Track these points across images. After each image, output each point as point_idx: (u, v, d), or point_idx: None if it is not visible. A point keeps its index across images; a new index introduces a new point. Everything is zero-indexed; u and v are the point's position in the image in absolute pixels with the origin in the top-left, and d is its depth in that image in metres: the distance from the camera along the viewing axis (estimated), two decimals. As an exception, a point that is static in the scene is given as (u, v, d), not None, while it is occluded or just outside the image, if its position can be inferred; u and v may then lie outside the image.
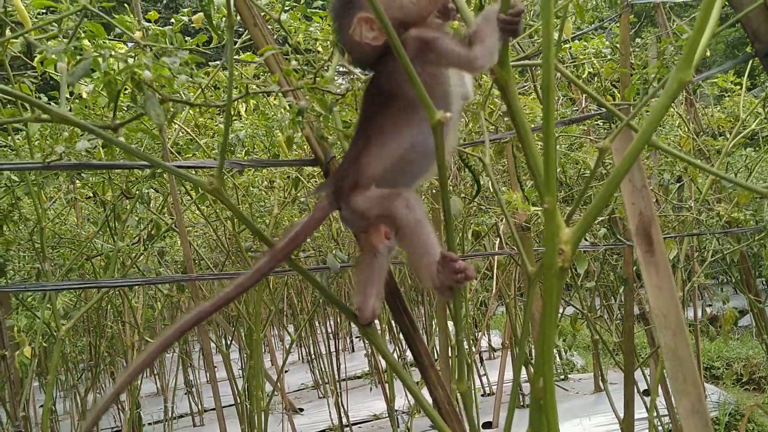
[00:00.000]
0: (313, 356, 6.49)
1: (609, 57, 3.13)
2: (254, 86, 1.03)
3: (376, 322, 1.16)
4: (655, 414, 3.30)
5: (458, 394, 1.04)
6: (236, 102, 2.18)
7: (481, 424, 4.64)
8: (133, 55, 0.88)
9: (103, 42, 0.93)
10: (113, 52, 0.86)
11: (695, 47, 0.85)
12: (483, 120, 1.34)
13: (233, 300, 1.12)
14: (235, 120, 2.40)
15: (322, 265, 2.86)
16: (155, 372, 7.22)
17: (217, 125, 2.53)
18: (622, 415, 3.05)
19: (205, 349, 2.79)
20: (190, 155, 2.37)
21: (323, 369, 6.18)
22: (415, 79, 0.85)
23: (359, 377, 6.50)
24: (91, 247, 2.68)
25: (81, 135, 1.11)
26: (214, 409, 6.42)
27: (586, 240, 2.46)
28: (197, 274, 2.48)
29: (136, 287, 3.55)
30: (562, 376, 5.69)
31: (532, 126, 1.87)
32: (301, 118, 1.05)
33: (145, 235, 2.60)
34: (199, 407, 6.27)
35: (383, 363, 5.85)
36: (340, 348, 6.01)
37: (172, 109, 0.95)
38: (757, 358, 5.68)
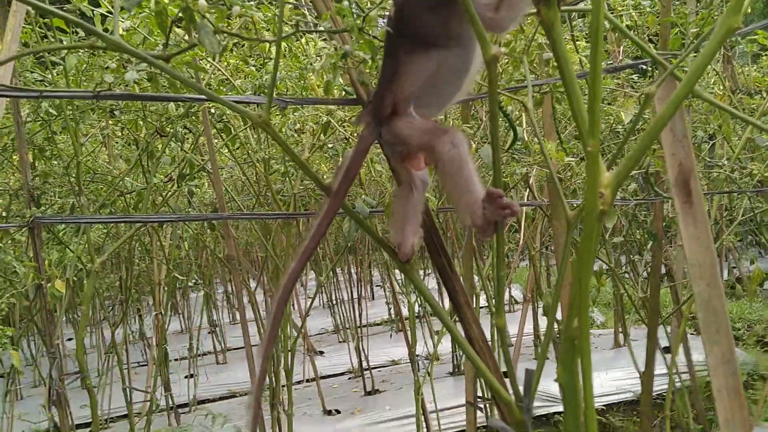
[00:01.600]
0: (334, 302, 6.59)
1: (648, 9, 3.07)
2: (302, 25, 1.04)
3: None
4: (674, 370, 3.34)
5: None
6: (268, 45, 2.17)
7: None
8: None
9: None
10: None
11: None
12: (526, 65, 1.33)
13: (315, 250, 1.14)
14: (267, 62, 2.40)
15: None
16: (179, 312, 7.38)
17: (248, 68, 2.53)
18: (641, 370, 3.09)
19: (237, 288, 2.83)
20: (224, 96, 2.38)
21: (344, 315, 6.27)
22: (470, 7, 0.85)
23: (378, 324, 6.58)
24: (123, 184, 2.72)
25: (128, 64, 1.12)
26: (236, 349, 6.57)
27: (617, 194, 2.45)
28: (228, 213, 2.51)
29: (165, 225, 3.60)
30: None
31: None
32: (344, 61, 1.05)
33: (177, 174, 2.63)
34: (223, 346, 6.40)
35: (405, 311, 5.92)
36: (362, 295, 6.07)
37: (223, 42, 0.95)
38: (775, 318, 5.67)
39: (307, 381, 5.26)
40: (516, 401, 0.95)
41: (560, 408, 4.41)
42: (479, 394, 3.09)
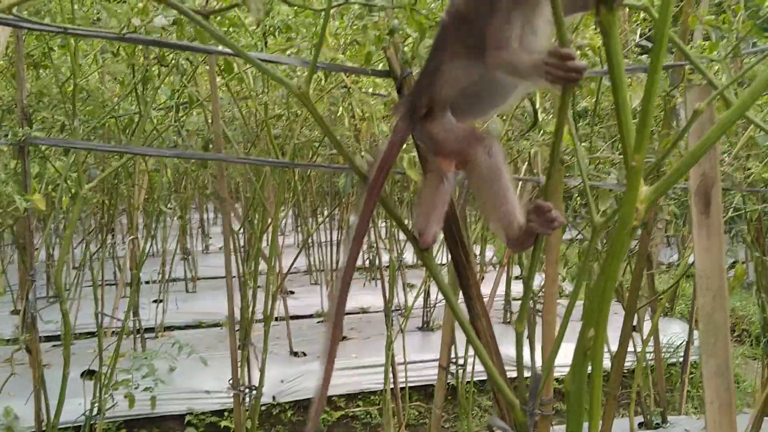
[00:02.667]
0: (310, 243, 6.56)
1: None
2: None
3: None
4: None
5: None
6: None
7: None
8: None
9: None
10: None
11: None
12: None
13: (359, 251, 1.11)
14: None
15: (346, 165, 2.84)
16: (152, 235, 7.32)
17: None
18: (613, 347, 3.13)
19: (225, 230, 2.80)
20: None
21: (319, 257, 6.24)
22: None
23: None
24: (117, 107, 2.65)
25: (157, 9, 1.06)
26: (207, 278, 6.55)
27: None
28: (225, 154, 2.46)
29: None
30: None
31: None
32: (390, 37, 1.00)
33: (174, 106, 2.56)
34: (194, 274, 6.39)
35: (385, 260, 5.94)
36: (340, 239, 6.06)
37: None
38: (744, 310, 5.78)
39: (276, 320, 5.27)
40: (521, 404, 0.95)
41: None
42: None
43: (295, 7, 1.53)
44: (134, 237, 4.27)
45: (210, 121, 2.83)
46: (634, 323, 4.12)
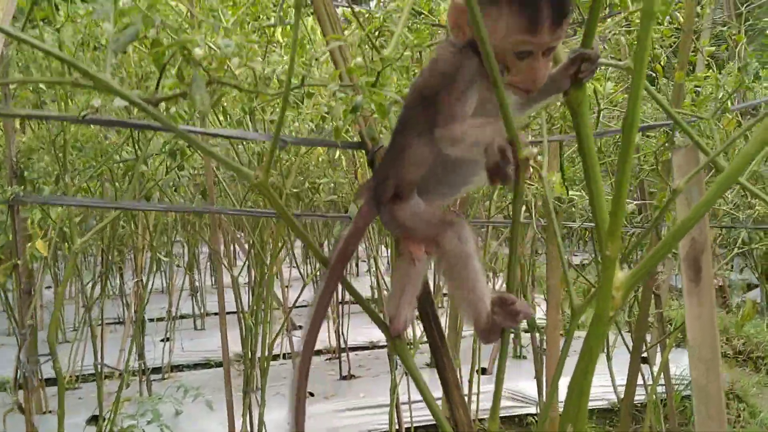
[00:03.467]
0: (315, 277, 6.51)
1: (669, 23, 2.98)
2: (310, 77, 0.96)
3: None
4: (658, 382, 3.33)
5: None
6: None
7: (476, 369, 4.70)
8: (186, 26, 0.81)
9: (155, 5, 0.84)
10: (165, 19, 0.79)
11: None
12: (543, 119, 1.27)
13: (319, 330, 1.10)
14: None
15: (344, 213, 2.82)
16: (162, 269, 7.31)
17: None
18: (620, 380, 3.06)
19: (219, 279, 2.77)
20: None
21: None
22: (505, 104, 0.78)
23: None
24: (116, 153, 2.63)
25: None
26: (216, 314, 6.52)
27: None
28: (218, 207, 2.44)
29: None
30: (560, 332, 5.70)
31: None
32: (355, 113, 0.98)
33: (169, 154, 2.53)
34: (202, 311, 6.37)
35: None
36: (347, 270, 6.01)
37: (218, 92, 0.88)
38: (758, 337, 5.67)
39: (284, 357, 5.23)
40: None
41: (531, 410, 4.42)
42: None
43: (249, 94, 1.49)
44: (138, 279, 4.25)
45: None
46: (645, 354, 4.06)
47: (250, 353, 3.27)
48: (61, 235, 2.93)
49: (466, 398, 2.86)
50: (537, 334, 3.85)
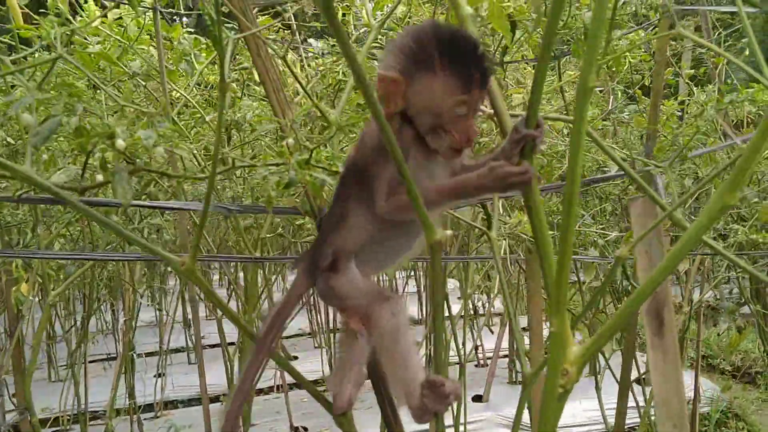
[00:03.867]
0: (312, 303, 6.46)
1: (647, 56, 2.98)
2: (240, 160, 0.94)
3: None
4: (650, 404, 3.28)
5: None
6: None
7: (471, 397, 4.65)
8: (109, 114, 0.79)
9: (77, 93, 0.82)
10: (88, 108, 0.77)
11: (745, 170, 0.74)
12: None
13: (248, 395, 1.08)
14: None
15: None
16: (156, 299, 7.26)
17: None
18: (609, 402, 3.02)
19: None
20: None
21: (322, 317, 6.14)
22: (411, 185, 0.77)
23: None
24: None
25: (59, 168, 1.02)
26: (211, 346, 6.46)
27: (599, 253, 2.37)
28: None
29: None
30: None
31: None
32: (289, 188, 0.96)
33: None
34: (195, 344, 6.30)
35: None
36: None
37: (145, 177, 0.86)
38: (756, 352, 5.63)
39: (278, 389, 5.17)
40: None
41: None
42: None
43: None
44: (127, 319, 4.22)
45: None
46: (640, 375, 4.01)
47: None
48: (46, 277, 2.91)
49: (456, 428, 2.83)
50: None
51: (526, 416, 4.32)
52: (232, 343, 3.39)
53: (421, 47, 0.90)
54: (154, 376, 5.10)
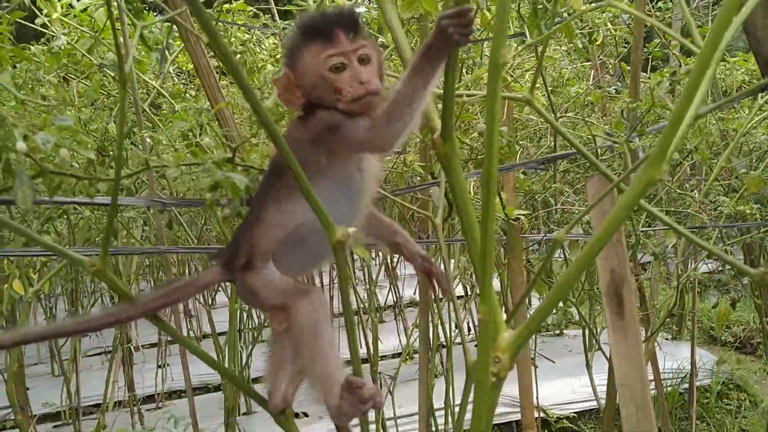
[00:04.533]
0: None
1: (626, 23, 2.93)
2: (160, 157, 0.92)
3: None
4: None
5: None
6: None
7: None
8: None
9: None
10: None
11: (669, 142, 0.71)
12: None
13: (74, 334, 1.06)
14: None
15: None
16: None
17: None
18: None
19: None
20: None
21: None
22: (304, 185, 0.75)
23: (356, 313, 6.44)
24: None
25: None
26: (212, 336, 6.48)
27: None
28: (166, 247, 2.39)
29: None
30: (557, 331, 5.63)
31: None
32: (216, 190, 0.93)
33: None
34: (197, 333, 6.33)
35: (379, 301, 5.83)
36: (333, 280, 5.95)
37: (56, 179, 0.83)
38: (756, 323, 5.59)
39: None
40: None
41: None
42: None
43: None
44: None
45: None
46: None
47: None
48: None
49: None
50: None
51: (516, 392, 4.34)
52: (222, 333, 3.39)
53: (290, 38, 0.97)
54: (158, 367, 5.11)
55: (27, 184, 0.75)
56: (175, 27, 1.94)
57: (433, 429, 3.32)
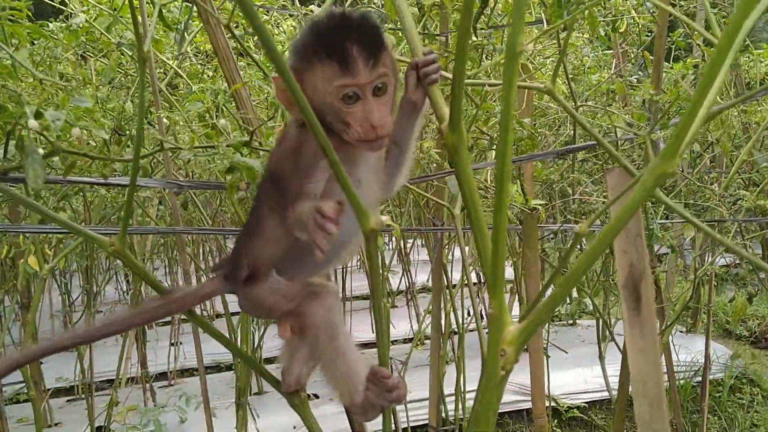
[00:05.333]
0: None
1: (650, 11, 2.89)
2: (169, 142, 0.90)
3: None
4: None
5: None
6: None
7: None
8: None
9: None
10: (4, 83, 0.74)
11: (682, 137, 0.69)
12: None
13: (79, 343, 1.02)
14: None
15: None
16: (174, 270, 7.31)
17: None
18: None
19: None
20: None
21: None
22: (345, 181, 0.73)
23: (365, 298, 6.46)
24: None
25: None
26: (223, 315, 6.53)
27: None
28: (181, 228, 2.39)
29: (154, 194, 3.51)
30: (570, 321, 5.61)
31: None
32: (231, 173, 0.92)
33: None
34: (210, 312, 6.37)
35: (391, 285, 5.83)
36: (346, 264, 5.94)
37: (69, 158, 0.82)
38: (772, 317, 5.55)
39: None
40: None
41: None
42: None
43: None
44: (133, 289, 4.24)
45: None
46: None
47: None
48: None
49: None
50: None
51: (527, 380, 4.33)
52: (235, 313, 3.40)
53: (304, 41, 0.86)
54: (171, 344, 5.15)
55: (39, 163, 0.74)
56: (194, 7, 1.93)
57: (443, 415, 3.32)
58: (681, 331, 5.13)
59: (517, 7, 0.65)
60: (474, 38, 1.50)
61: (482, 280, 3.88)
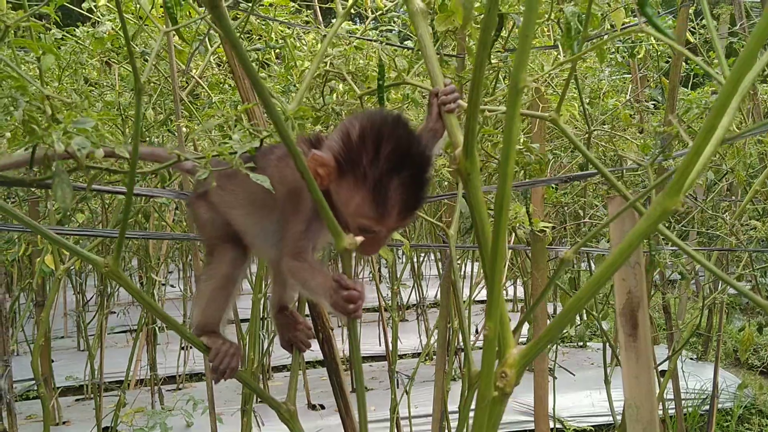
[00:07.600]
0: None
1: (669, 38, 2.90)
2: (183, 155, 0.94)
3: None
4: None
5: None
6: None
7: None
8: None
9: (21, 86, 0.82)
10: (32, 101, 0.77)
11: (687, 174, 0.71)
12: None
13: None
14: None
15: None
16: (186, 275, 7.37)
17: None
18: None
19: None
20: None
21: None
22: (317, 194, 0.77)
23: (374, 310, 6.45)
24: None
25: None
26: (240, 320, 6.56)
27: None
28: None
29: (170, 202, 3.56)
30: (580, 344, 5.59)
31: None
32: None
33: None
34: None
35: (402, 299, 5.83)
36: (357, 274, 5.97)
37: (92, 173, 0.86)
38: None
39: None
40: None
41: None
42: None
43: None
44: (147, 292, 4.28)
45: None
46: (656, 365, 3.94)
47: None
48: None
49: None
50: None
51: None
52: (245, 320, 3.43)
53: (363, 145, 0.92)
54: (181, 348, 5.18)
55: (66, 182, 0.77)
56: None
57: (446, 432, 3.32)
58: (692, 359, 5.11)
59: (522, 44, 0.68)
60: (489, 61, 1.53)
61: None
